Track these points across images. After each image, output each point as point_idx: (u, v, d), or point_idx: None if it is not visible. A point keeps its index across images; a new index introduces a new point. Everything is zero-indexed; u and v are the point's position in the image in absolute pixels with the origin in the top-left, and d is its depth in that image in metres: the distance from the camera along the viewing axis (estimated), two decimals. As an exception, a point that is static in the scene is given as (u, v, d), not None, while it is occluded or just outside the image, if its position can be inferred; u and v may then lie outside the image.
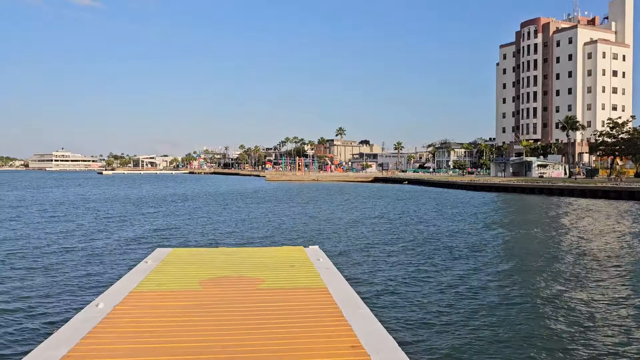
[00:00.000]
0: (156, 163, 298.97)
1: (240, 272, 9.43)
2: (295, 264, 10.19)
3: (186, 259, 10.90)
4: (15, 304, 11.73)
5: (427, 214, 35.89)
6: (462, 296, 12.65)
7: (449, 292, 12.96)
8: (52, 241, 22.37)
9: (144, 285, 8.41)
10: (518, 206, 44.79)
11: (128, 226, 28.20)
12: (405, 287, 13.49)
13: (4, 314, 10.92)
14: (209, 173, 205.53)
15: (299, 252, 11.88)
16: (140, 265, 10.11)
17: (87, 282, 14.04)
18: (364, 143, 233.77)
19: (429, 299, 12.26)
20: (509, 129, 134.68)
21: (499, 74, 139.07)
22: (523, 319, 10.82)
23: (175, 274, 9.35)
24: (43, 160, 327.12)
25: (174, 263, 10.35)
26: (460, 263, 17.17)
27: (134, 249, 20.20)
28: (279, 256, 11.25)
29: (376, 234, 24.70)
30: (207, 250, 12.65)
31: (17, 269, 16.12)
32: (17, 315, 10.86)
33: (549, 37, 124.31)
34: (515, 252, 19.61)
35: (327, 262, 10.49)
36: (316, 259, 10.62)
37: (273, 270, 9.67)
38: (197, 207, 41.98)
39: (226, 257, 11.07)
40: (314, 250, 12.02)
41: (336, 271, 9.58)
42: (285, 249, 12.60)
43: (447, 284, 13.94)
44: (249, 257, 11.13)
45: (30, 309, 11.27)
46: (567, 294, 12.97)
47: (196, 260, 10.75)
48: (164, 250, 12.12)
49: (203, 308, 7.12)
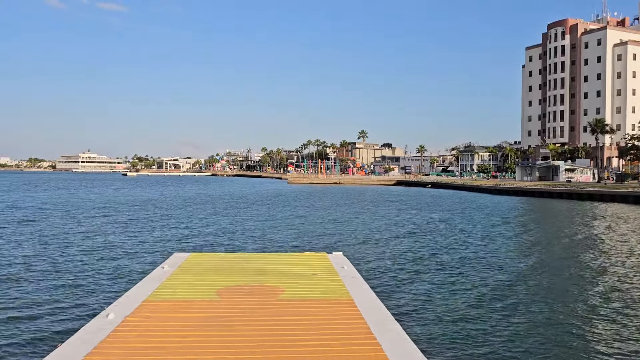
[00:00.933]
0: (179, 165, 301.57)
1: (260, 280, 8.91)
2: (317, 272, 9.62)
3: (204, 264, 10.44)
4: (22, 312, 11.31)
5: (454, 219, 34.82)
6: (500, 313, 11.61)
7: (484, 308, 12.04)
8: (69, 243, 22.16)
9: (158, 293, 7.91)
10: (549, 212, 43.51)
11: (147, 229, 27.82)
12: (436, 300, 12.61)
13: (9, 323, 10.48)
14: (231, 175, 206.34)
15: (321, 258, 11.28)
16: (156, 271, 9.68)
17: (101, 289, 13.65)
18: (386, 146, 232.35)
19: (463, 315, 11.35)
20: (534, 132, 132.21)
21: (524, 76, 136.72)
22: (567, 339, 9.91)
23: (192, 281, 8.88)
24: (70, 162, 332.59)
25: (191, 269, 9.89)
26: (494, 274, 16.16)
27: (151, 253, 19.79)
28: (300, 263, 10.72)
29: (402, 241, 23.82)
30: (226, 256, 12.16)
31: (31, 271, 15.83)
32: (22, 325, 10.42)
33: (577, 39, 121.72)
34: (551, 264, 18.29)
35: (351, 270, 9.85)
36: (340, 267, 10.00)
37: (294, 278, 9.12)
38: (217, 210, 41.42)
39: (246, 264, 10.59)
40: (338, 257, 11.39)
41: (362, 281, 8.94)
42: (307, 255, 12.07)
43: (482, 297, 13.02)
44: (269, 264, 10.64)
45: (38, 318, 10.83)
46: (620, 316, 11.74)
47: (215, 266, 10.28)
48: (182, 255, 11.65)
49: (219, 321, 6.57)
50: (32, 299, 12.32)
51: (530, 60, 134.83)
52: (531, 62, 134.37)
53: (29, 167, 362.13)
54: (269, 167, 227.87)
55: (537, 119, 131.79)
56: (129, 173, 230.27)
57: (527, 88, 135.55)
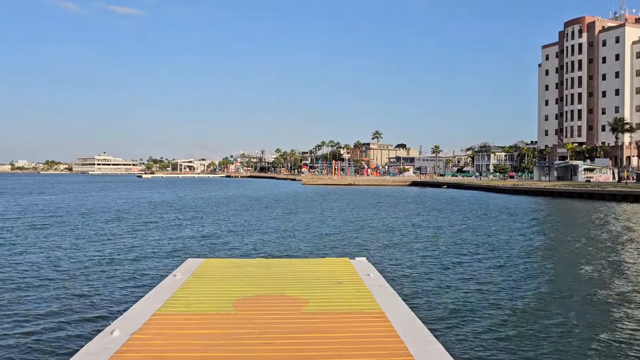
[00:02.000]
0: (194, 167, 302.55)
1: (281, 290, 8.26)
2: (342, 280, 8.92)
3: (220, 271, 9.83)
4: (22, 327, 10.33)
5: (476, 221, 33.54)
6: (548, 330, 10.36)
7: (526, 324, 10.74)
8: (78, 248, 21.41)
9: (170, 305, 7.28)
10: (574, 213, 42.24)
11: (160, 233, 27.09)
12: (473, 315, 11.36)
13: (6, 339, 9.62)
14: (246, 177, 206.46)
15: (344, 264, 10.60)
16: (168, 280, 9.03)
17: (107, 300, 12.85)
18: (400, 147, 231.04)
19: (506, 333, 10.12)
20: (551, 131, 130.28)
21: (541, 75, 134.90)
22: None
23: (207, 290, 8.25)
24: (86, 164, 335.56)
25: (205, 277, 9.26)
26: (534, 283, 14.81)
27: (163, 258, 19.03)
28: (322, 269, 10.04)
29: (426, 245, 22.53)
30: (242, 262, 11.44)
31: (34, 278, 15.13)
32: (18, 342, 9.40)
33: (595, 37, 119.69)
34: (595, 273, 16.72)
35: (378, 277, 9.18)
36: (366, 274, 9.33)
37: (317, 287, 8.46)
38: (232, 212, 40.63)
39: (264, 270, 9.96)
40: (362, 263, 10.68)
41: (391, 290, 8.26)
42: (329, 261, 11.33)
43: (521, 311, 11.73)
44: (289, 270, 10.00)
45: (38, 334, 9.89)
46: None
47: (231, 273, 9.66)
48: (196, 261, 10.99)
49: (236, 338, 5.88)
50: (30, 312, 11.52)
51: (546, 59, 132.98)
52: (548, 61, 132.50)
53: (46, 169, 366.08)
54: (283, 168, 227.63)
55: (554, 118, 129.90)
56: (144, 175, 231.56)
57: (543, 87, 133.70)
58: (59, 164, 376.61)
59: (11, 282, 14.55)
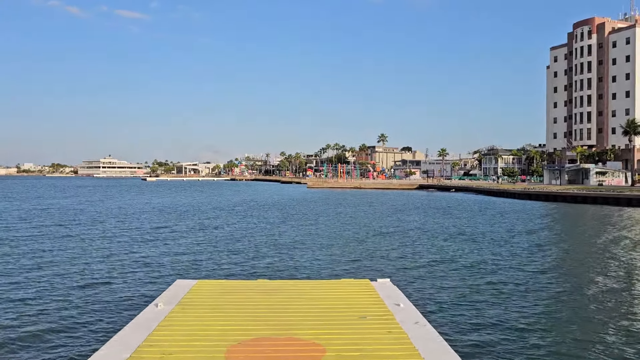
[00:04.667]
0: (199, 170, 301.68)
1: (288, 328, 6.56)
2: (366, 313, 7.18)
3: (212, 299, 8.18)
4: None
5: (498, 230, 31.04)
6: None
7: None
8: (42, 265, 18.46)
9: (141, 354, 5.62)
10: (595, 220, 40.47)
11: (149, 247, 23.54)
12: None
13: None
14: (250, 180, 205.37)
15: (365, 288, 8.88)
16: (147, 313, 7.28)
17: (66, 344, 9.87)
18: (406, 150, 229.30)
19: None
20: (560, 134, 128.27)
21: (549, 77, 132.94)
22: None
23: (193, 329, 6.56)
24: (91, 167, 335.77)
25: (194, 307, 7.61)
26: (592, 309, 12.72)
27: (147, 280, 15.99)
28: (339, 296, 8.35)
29: (453, 260, 20.05)
30: (241, 285, 9.59)
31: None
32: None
33: (604, 38, 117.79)
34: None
35: (411, 309, 7.47)
36: (394, 303, 7.66)
37: (336, 324, 6.72)
38: (233, 221, 36.75)
39: (267, 298, 8.25)
40: (386, 287, 8.94)
41: (432, 330, 6.51)
42: (345, 284, 9.50)
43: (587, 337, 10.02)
44: (298, 298, 8.26)
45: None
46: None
47: (225, 301, 8.02)
48: (186, 283, 9.33)
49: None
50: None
51: (555, 61, 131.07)
52: (556, 63, 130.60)
53: (52, 172, 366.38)
54: (288, 171, 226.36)
55: (563, 120, 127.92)
56: (148, 178, 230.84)
57: (552, 89, 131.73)
58: (65, 167, 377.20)
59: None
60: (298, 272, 17.55)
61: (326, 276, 16.68)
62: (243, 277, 16.12)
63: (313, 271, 17.70)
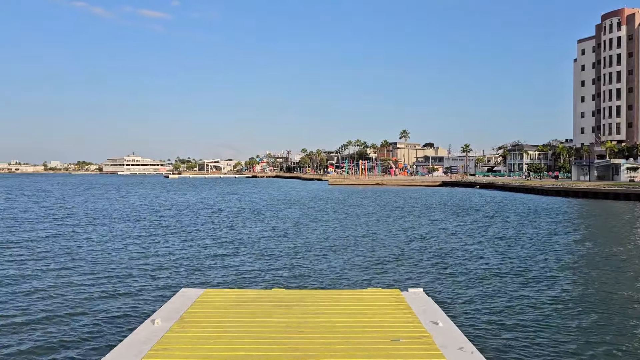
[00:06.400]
0: (220, 167, 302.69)
1: (307, 350, 5.49)
2: (400, 333, 6.08)
3: (219, 313, 7.20)
4: None
5: (540, 232, 28.42)
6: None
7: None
8: (33, 272, 16.86)
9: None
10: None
11: (157, 250, 21.75)
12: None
13: None
14: (271, 177, 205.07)
15: (395, 300, 7.74)
16: (140, 332, 6.24)
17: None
18: (428, 146, 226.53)
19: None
20: (588, 129, 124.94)
21: (576, 70, 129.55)
22: None
23: (192, 353, 5.49)
24: (115, 165, 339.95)
25: (196, 324, 6.58)
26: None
27: (151, 288, 14.51)
28: (366, 310, 7.26)
29: (489, 264, 18.30)
30: (253, 295, 8.51)
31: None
32: None
33: (635, 29, 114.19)
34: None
35: (452, 329, 6.34)
36: (431, 320, 6.56)
37: (364, 347, 5.63)
38: (250, 221, 34.52)
39: (282, 312, 7.18)
40: (420, 298, 7.81)
41: (480, 358, 5.41)
42: (372, 294, 8.38)
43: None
44: (318, 311, 7.23)
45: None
46: None
47: (234, 316, 7.00)
48: (191, 292, 8.37)
49: None
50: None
51: (582, 54, 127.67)
52: (584, 56, 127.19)
53: (77, 170, 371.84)
54: (309, 168, 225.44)
55: (591, 115, 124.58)
56: (170, 175, 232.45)
57: (579, 83, 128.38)
58: (90, 164, 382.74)
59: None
60: (318, 278, 16.04)
61: (350, 283, 15.16)
62: (256, 284, 14.78)
63: (334, 276, 16.21)
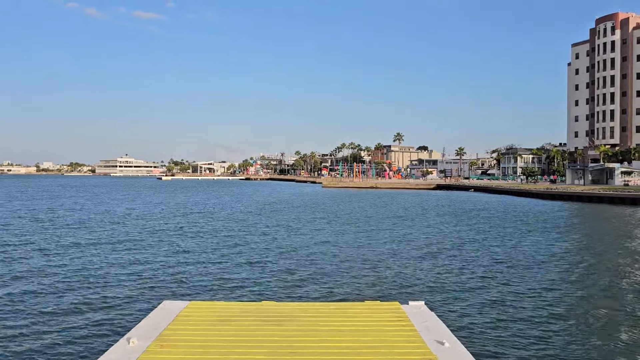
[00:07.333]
0: (214, 169, 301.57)
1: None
2: (402, 356, 5.44)
3: (202, 330, 6.50)
4: None
5: (540, 239, 27.49)
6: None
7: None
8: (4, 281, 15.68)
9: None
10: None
11: (138, 258, 20.41)
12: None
13: None
14: (265, 179, 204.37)
15: (395, 315, 7.11)
16: (112, 353, 5.59)
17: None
18: (422, 149, 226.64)
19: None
20: (582, 133, 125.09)
21: (570, 74, 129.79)
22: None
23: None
24: (108, 166, 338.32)
25: (176, 343, 5.89)
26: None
27: (128, 302, 13.27)
28: (363, 326, 6.63)
29: (493, 274, 17.31)
30: (241, 308, 7.86)
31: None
32: None
33: (629, 34, 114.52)
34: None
35: (460, 350, 5.66)
36: (435, 340, 5.91)
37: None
38: (241, 227, 32.79)
39: (272, 329, 6.48)
40: (422, 312, 7.22)
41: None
42: (370, 308, 7.77)
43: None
44: (311, 328, 6.60)
45: None
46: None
47: (219, 334, 6.30)
48: (174, 305, 7.68)
49: None
50: None
51: (576, 58, 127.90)
52: (578, 60, 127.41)
53: (70, 171, 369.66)
54: (303, 170, 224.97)
55: (585, 119, 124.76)
56: (163, 177, 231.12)
57: (573, 87, 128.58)
58: (83, 165, 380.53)
59: None
60: (311, 289, 15.17)
61: (345, 294, 14.31)
62: (245, 297, 13.90)
63: (328, 287, 15.34)
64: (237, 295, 14.24)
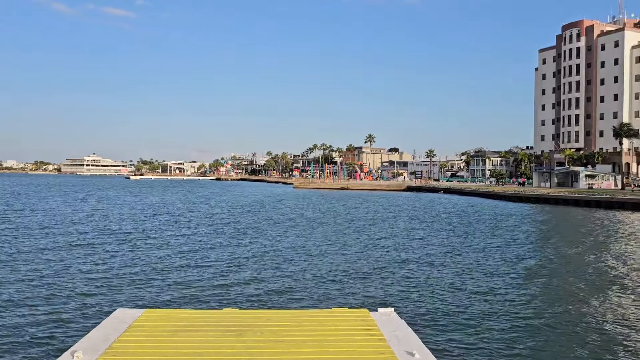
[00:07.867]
0: (184, 169, 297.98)
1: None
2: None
3: (159, 340, 5.98)
4: None
5: (509, 240, 27.89)
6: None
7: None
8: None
9: None
10: (602, 225, 39.14)
11: (92, 261, 19.33)
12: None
13: None
14: (236, 179, 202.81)
15: (364, 323, 6.75)
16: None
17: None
18: (393, 151, 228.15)
19: None
20: (548, 137, 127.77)
21: (537, 79, 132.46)
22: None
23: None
24: (75, 165, 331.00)
25: (129, 356, 5.40)
26: None
27: (77, 311, 12.32)
28: (329, 335, 6.22)
29: (463, 280, 17.00)
30: (201, 316, 7.42)
31: None
32: None
33: (593, 41, 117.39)
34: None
35: (428, 358, 5.34)
36: (405, 351, 5.48)
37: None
38: (206, 229, 31.85)
39: (233, 339, 5.95)
40: (391, 320, 6.85)
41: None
42: (337, 315, 7.32)
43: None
44: (275, 335, 6.20)
45: None
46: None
47: (176, 345, 5.77)
48: (128, 313, 7.12)
49: None
50: None
51: (543, 63, 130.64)
52: (544, 65, 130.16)
53: (35, 170, 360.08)
54: (274, 171, 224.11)
55: (551, 123, 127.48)
56: (132, 177, 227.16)
57: (540, 91, 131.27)
58: (48, 164, 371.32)
59: None
60: (275, 294, 14.59)
61: (311, 300, 13.79)
62: (205, 304, 13.27)
63: (294, 293, 14.75)
64: (197, 302, 13.59)
